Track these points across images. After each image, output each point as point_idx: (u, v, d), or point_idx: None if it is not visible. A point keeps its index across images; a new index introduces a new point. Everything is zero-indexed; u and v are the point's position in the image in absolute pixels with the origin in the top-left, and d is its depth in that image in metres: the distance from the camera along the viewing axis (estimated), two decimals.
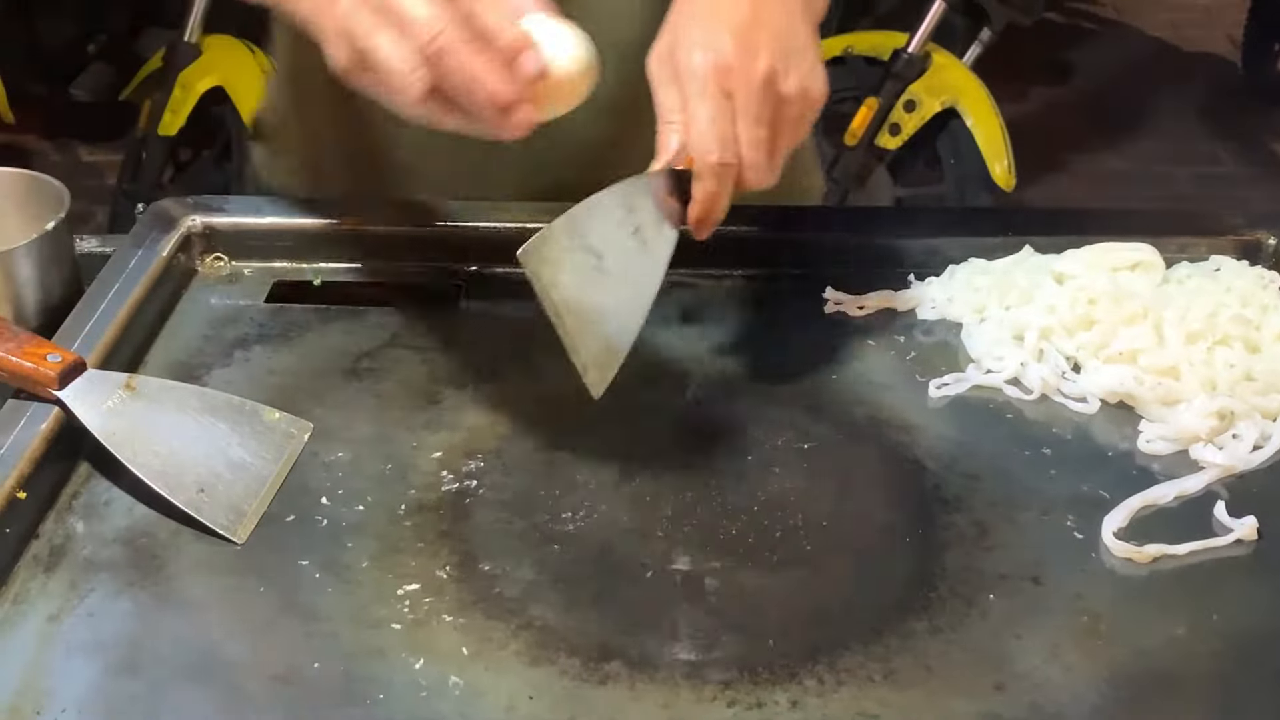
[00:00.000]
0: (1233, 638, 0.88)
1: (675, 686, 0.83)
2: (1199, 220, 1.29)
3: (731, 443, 1.04)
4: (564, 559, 0.92)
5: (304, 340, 1.14)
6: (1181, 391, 1.06)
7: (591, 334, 0.98)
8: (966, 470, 1.02)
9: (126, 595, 0.88)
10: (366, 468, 1.00)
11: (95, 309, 1.09)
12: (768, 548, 0.94)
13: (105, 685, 0.81)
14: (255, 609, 0.87)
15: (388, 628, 0.86)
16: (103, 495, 0.96)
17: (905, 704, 0.82)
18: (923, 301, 1.20)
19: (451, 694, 0.81)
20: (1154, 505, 0.98)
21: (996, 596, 0.90)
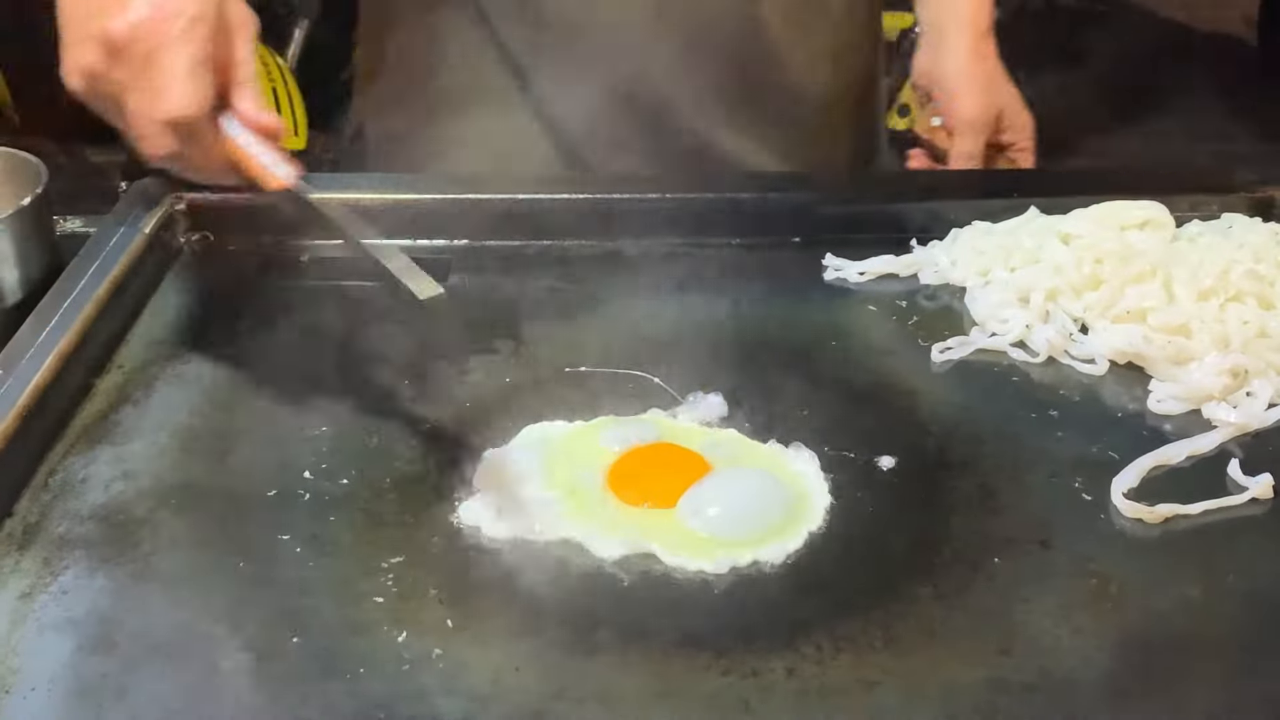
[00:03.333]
0: (1249, 599, 0.84)
1: (667, 655, 0.80)
2: (1210, 178, 1.26)
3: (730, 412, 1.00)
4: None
5: (289, 317, 1.11)
6: (1193, 350, 1.03)
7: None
8: (972, 434, 0.99)
9: (101, 572, 0.85)
10: (351, 441, 0.97)
11: (75, 286, 1.07)
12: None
13: (77, 663, 0.78)
14: (233, 585, 0.84)
15: (370, 601, 0.83)
16: (79, 472, 0.93)
17: (907, 671, 0.79)
18: (925, 266, 1.17)
19: (435, 667, 0.78)
20: (1165, 465, 0.95)
21: (1003, 560, 0.87)
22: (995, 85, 1.38)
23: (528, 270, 1.18)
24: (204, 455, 0.96)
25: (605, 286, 1.16)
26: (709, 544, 0.87)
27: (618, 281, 1.17)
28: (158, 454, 0.95)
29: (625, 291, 1.15)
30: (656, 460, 0.95)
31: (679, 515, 0.90)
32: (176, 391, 1.02)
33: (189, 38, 0.89)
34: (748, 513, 0.90)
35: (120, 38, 0.89)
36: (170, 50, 0.89)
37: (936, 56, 1.39)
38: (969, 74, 1.36)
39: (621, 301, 1.14)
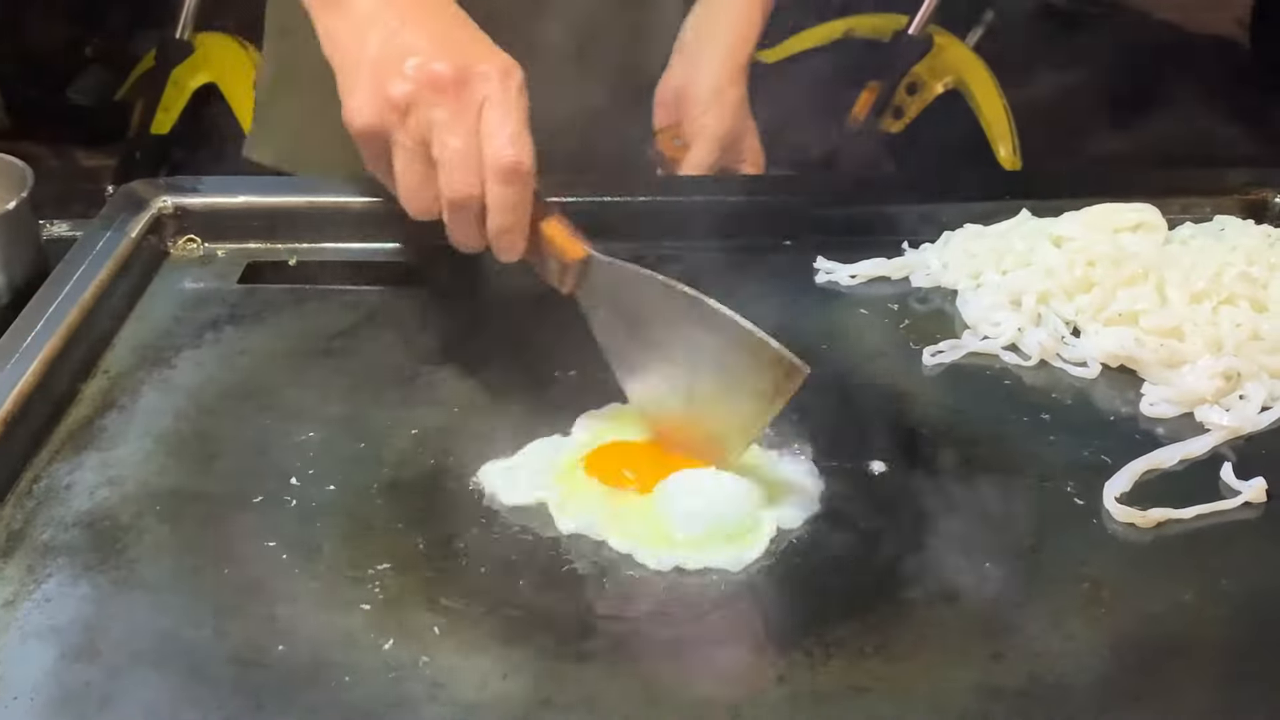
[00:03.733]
0: (1242, 603, 0.84)
1: (657, 662, 0.79)
2: (1202, 180, 1.26)
3: None
4: (543, 535, 0.89)
5: (277, 320, 1.11)
6: (1185, 353, 1.02)
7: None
8: (963, 438, 0.98)
9: (85, 579, 0.84)
10: (339, 447, 0.96)
11: (60, 290, 1.06)
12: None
13: (60, 671, 0.78)
14: (218, 592, 0.84)
15: (357, 608, 0.82)
16: (64, 479, 0.93)
17: (899, 676, 0.78)
18: (917, 269, 1.17)
19: (422, 674, 0.78)
20: (1158, 469, 0.95)
21: (994, 565, 0.86)
22: (742, 112, 1.38)
23: (517, 273, 1.17)
24: (190, 461, 0.95)
25: None
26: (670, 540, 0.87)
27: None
28: (143, 460, 0.95)
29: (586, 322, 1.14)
30: (641, 450, 0.95)
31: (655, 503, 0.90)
32: (162, 397, 1.01)
33: (520, 99, 0.91)
34: (706, 514, 0.89)
35: (450, 79, 0.89)
36: (504, 103, 0.90)
37: (691, 74, 1.38)
38: (721, 94, 1.36)
39: None
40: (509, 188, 0.90)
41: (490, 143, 0.89)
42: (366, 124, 0.92)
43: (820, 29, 2.97)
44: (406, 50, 0.91)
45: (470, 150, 0.90)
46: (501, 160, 0.89)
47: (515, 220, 0.92)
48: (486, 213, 0.91)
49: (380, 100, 0.91)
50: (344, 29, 0.95)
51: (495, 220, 0.92)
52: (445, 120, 0.90)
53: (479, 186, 0.90)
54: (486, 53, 0.92)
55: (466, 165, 0.90)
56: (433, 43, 0.91)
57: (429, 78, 0.89)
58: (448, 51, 0.91)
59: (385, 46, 0.92)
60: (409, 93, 0.90)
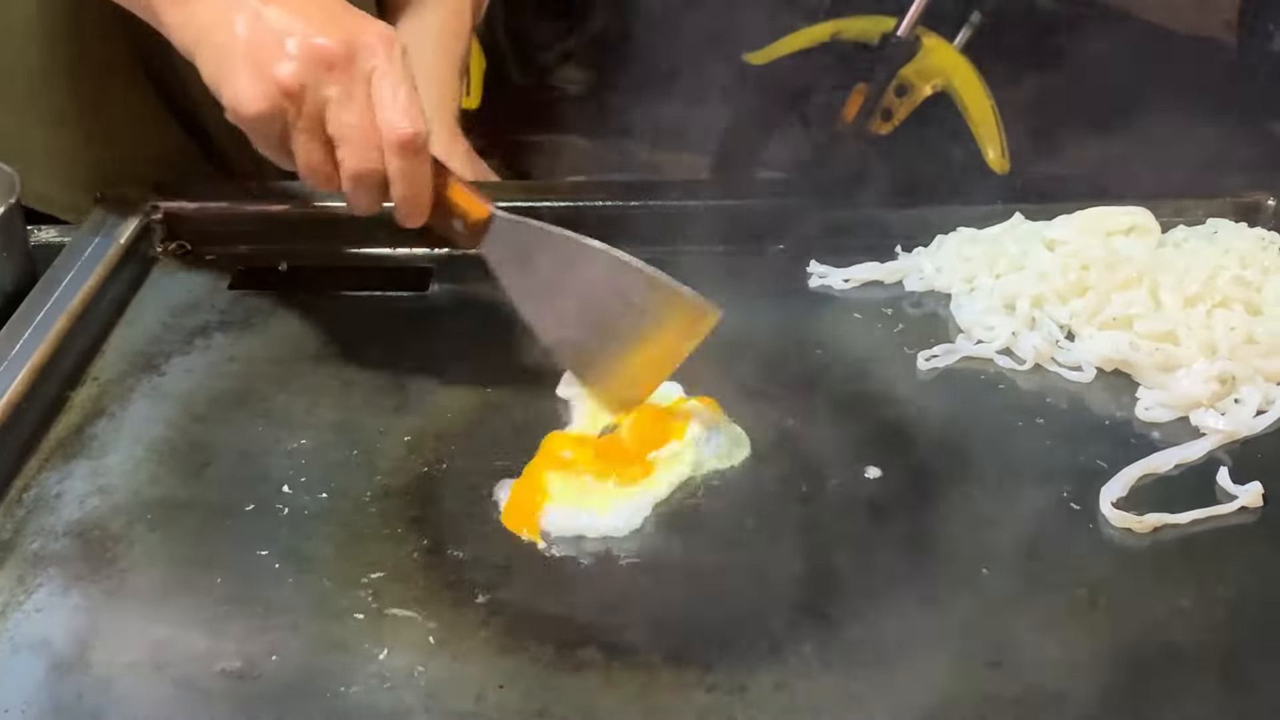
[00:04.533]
0: (1240, 608, 0.84)
1: (653, 671, 0.78)
2: (1195, 183, 1.25)
3: None
4: (536, 543, 0.88)
5: (267, 327, 1.10)
6: (1180, 357, 1.02)
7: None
8: (958, 443, 0.98)
9: (76, 590, 0.84)
10: (331, 454, 0.96)
11: (49, 296, 1.05)
12: (752, 525, 0.90)
13: (51, 683, 0.77)
14: (210, 602, 0.83)
15: (350, 618, 0.82)
16: (54, 487, 0.92)
17: (895, 684, 0.78)
18: (910, 273, 1.16)
19: (417, 685, 0.77)
20: (1154, 474, 0.94)
21: (991, 571, 0.86)
22: (476, 161, 1.38)
23: None
24: (181, 469, 0.94)
25: None
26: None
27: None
28: (134, 468, 0.94)
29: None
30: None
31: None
32: (153, 404, 1.00)
33: (406, 67, 0.90)
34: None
35: (338, 54, 0.88)
36: (392, 74, 0.89)
37: None
38: (451, 156, 1.33)
39: None
40: (408, 159, 0.90)
41: (384, 115, 0.88)
42: (256, 110, 0.89)
43: (807, 31, 2.96)
44: (282, 29, 0.88)
45: (367, 125, 0.89)
46: (399, 133, 0.88)
47: (418, 190, 0.92)
48: (389, 183, 0.91)
49: (267, 84, 0.88)
50: (202, 16, 0.91)
51: (398, 190, 0.91)
52: (337, 96, 0.88)
53: (379, 160, 0.90)
54: (364, 23, 0.90)
55: (365, 141, 0.89)
56: (306, 18, 0.89)
57: (315, 54, 0.88)
58: (325, 26, 0.89)
59: (256, 28, 0.89)
60: (296, 72, 0.87)
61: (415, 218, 0.94)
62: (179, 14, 0.93)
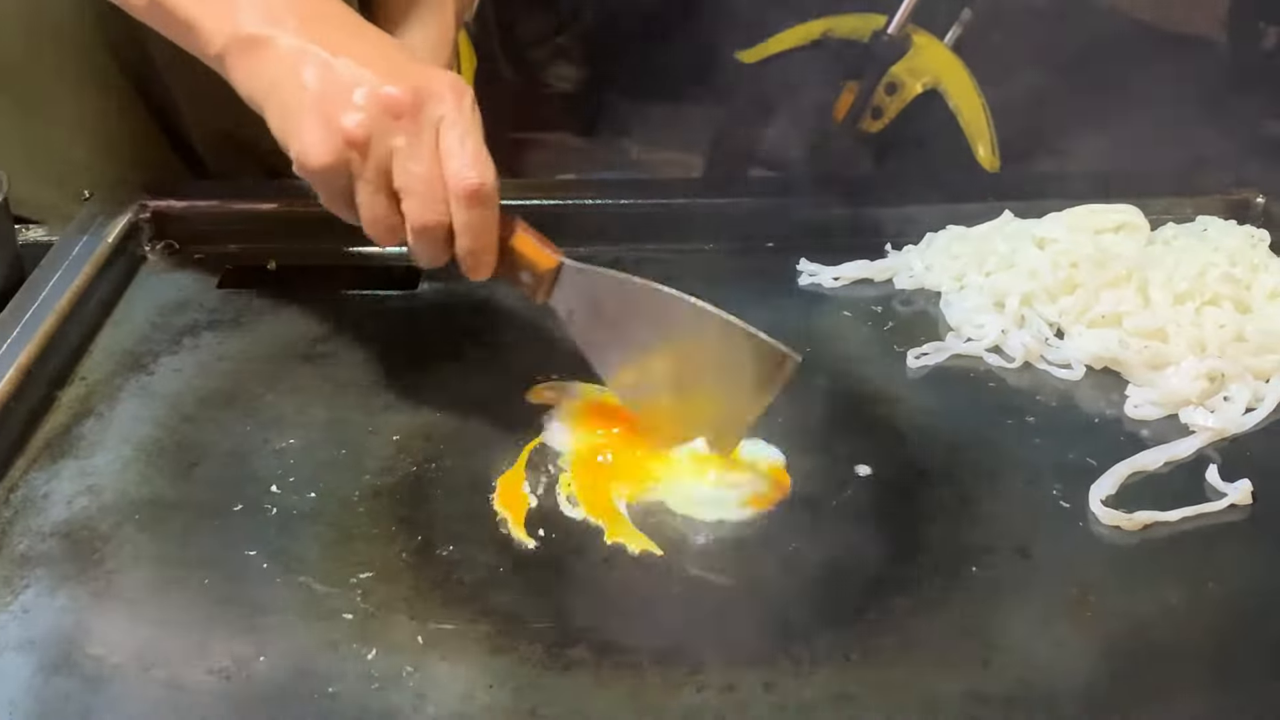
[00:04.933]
0: (1229, 606, 0.84)
1: (643, 671, 0.78)
2: (1184, 180, 1.26)
3: None
4: (526, 543, 0.88)
5: (256, 326, 1.10)
6: (1169, 354, 1.02)
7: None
8: (948, 441, 0.98)
9: (63, 590, 0.83)
10: (319, 454, 0.95)
11: (36, 296, 1.05)
12: (741, 524, 0.90)
13: (38, 685, 0.77)
14: (198, 602, 0.83)
15: (339, 618, 0.81)
16: (41, 488, 0.91)
17: (886, 684, 0.78)
18: (900, 271, 1.16)
19: (406, 685, 0.77)
20: (1143, 471, 0.94)
21: (981, 569, 0.86)
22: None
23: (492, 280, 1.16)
24: (169, 469, 0.94)
25: None
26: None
27: None
28: (122, 468, 0.94)
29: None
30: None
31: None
32: (141, 404, 1.00)
33: (475, 115, 0.88)
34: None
35: (405, 103, 0.85)
36: (460, 123, 0.87)
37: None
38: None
39: None
40: (475, 211, 0.87)
41: (451, 166, 0.86)
42: (324, 163, 0.87)
43: (798, 29, 2.96)
44: (350, 80, 0.86)
45: (433, 176, 0.87)
46: (466, 184, 0.86)
47: (484, 242, 0.90)
48: (454, 235, 0.89)
49: (335, 135, 0.86)
50: (270, 70, 0.89)
51: (464, 243, 0.89)
52: (404, 147, 0.86)
53: (446, 213, 0.88)
54: (432, 72, 0.89)
55: (431, 192, 0.87)
56: (373, 68, 0.87)
57: (383, 103, 0.86)
58: (392, 75, 0.87)
59: (324, 79, 0.87)
60: (363, 122, 0.85)
61: (481, 270, 0.91)
62: (247, 66, 0.91)
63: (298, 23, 0.89)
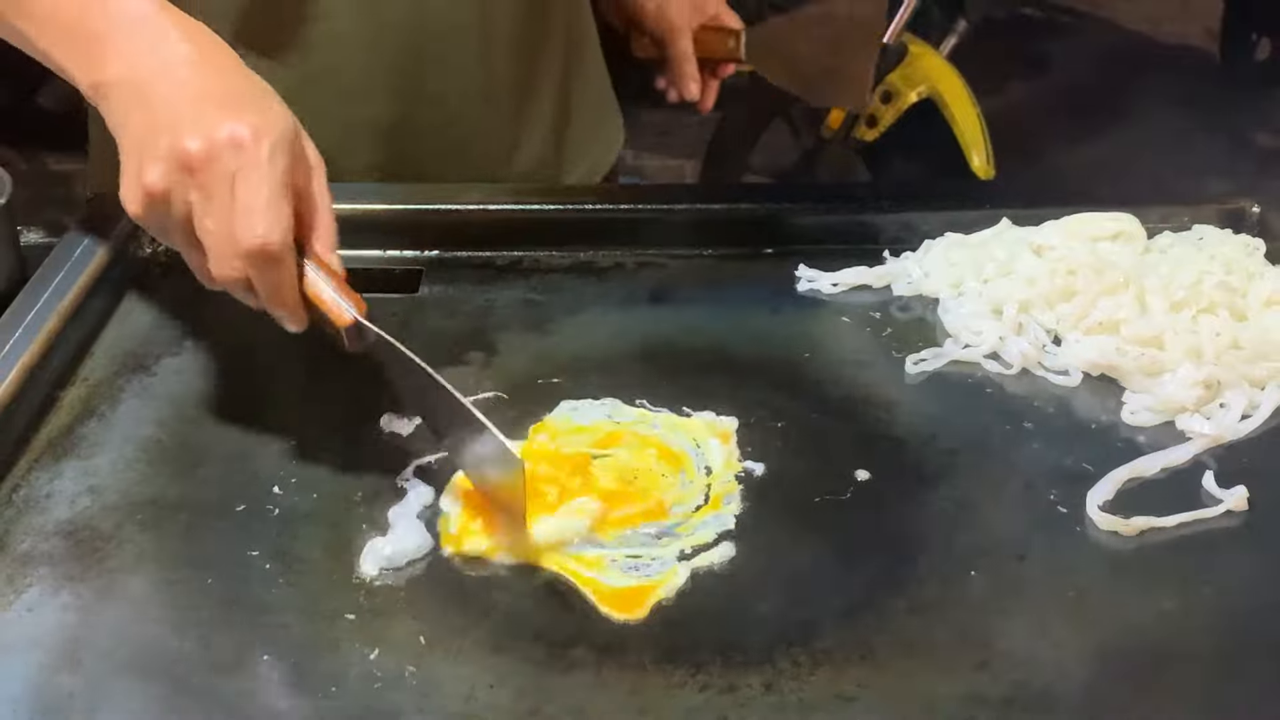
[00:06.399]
0: (1225, 611, 0.84)
1: (644, 671, 0.79)
2: (1180, 189, 1.26)
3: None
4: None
5: (258, 328, 1.09)
6: (1166, 361, 1.02)
7: None
8: (946, 446, 0.98)
9: (66, 589, 0.84)
10: (321, 454, 0.96)
11: (39, 297, 1.05)
12: (742, 527, 0.90)
13: (41, 683, 0.77)
14: (201, 602, 0.83)
15: (341, 618, 0.82)
16: (44, 488, 0.92)
17: (884, 685, 0.78)
18: (898, 277, 1.17)
19: (408, 684, 0.77)
20: (1140, 477, 0.95)
21: (979, 573, 0.86)
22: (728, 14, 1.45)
23: (499, 281, 1.17)
24: (171, 469, 0.94)
25: (577, 297, 1.15)
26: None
27: (590, 292, 1.16)
28: (124, 468, 0.94)
29: (597, 302, 1.14)
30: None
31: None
32: (143, 405, 1.00)
33: (272, 164, 0.85)
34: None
35: (198, 157, 0.84)
36: (253, 175, 0.85)
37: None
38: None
39: (594, 313, 1.13)
40: (262, 269, 0.86)
41: (238, 223, 0.85)
42: (134, 212, 0.88)
43: None
44: (160, 125, 0.86)
45: (223, 232, 0.85)
46: (247, 243, 0.85)
47: (279, 297, 0.88)
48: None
49: (139, 189, 0.86)
50: (113, 115, 0.89)
51: (261, 296, 0.88)
52: (199, 202, 0.85)
53: (241, 269, 0.86)
54: (239, 113, 0.86)
55: (221, 248, 0.86)
56: (183, 112, 0.86)
57: (179, 158, 0.85)
58: (198, 120, 0.85)
59: (142, 124, 0.87)
60: (163, 176, 0.85)
61: (290, 323, 0.91)
62: (104, 109, 0.90)
63: (146, 67, 0.88)
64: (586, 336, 1.10)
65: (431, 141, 1.26)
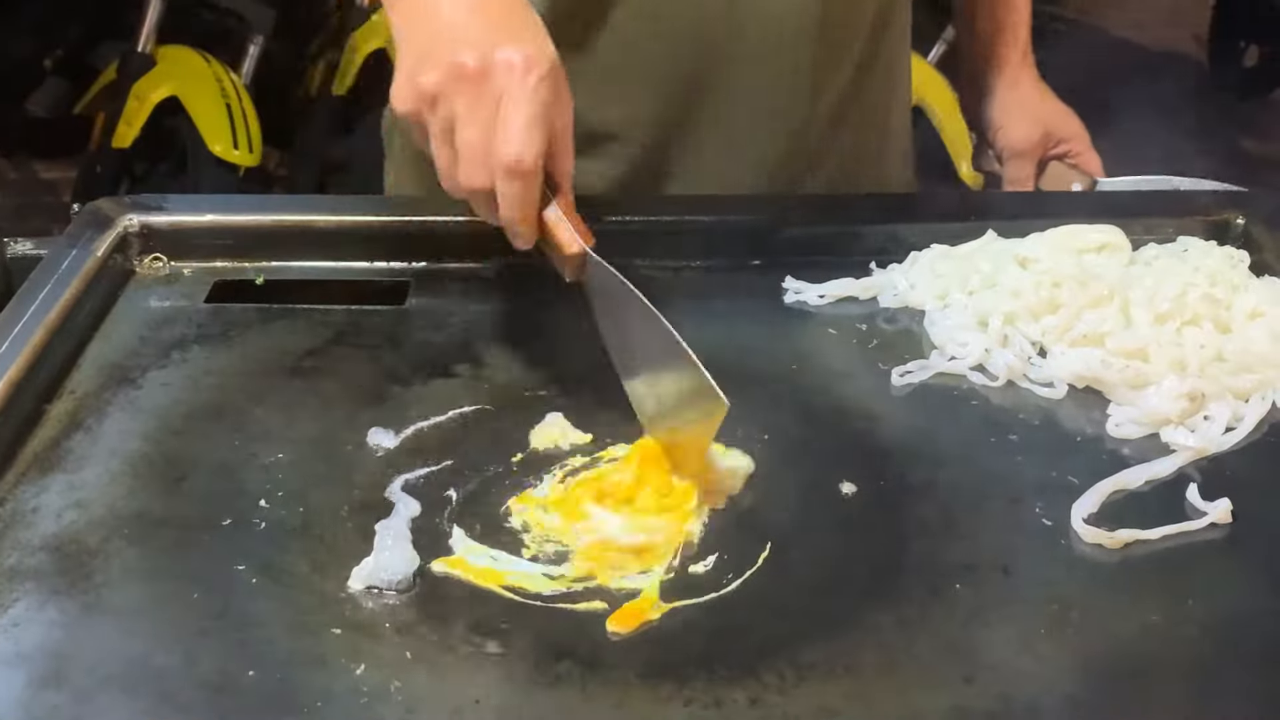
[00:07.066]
0: (1209, 623, 0.85)
1: (629, 686, 0.79)
2: (1165, 201, 1.27)
3: None
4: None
5: (245, 340, 1.10)
6: (1150, 374, 1.03)
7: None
8: (931, 459, 0.98)
9: (52, 604, 0.83)
10: (308, 468, 0.96)
11: (26, 310, 1.05)
12: (726, 540, 0.90)
13: (27, 698, 0.77)
14: (188, 617, 0.83)
15: (327, 633, 0.82)
16: (30, 501, 0.92)
17: (870, 699, 0.78)
18: (885, 289, 1.17)
19: (394, 700, 0.77)
20: (1125, 490, 0.95)
21: (964, 586, 0.87)
22: (1033, 108, 1.45)
23: (487, 292, 1.17)
24: (158, 483, 0.94)
25: (565, 310, 1.15)
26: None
27: (577, 304, 1.16)
28: (110, 482, 0.94)
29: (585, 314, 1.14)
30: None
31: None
32: (129, 418, 1.00)
33: (536, 92, 0.92)
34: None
35: (473, 71, 0.92)
36: (519, 97, 0.92)
37: (977, 99, 1.48)
38: (1004, 108, 1.45)
39: (581, 325, 1.13)
40: (512, 183, 0.93)
41: (498, 137, 0.92)
42: (402, 110, 0.96)
43: None
44: (442, 37, 0.94)
45: (480, 143, 0.93)
46: (504, 157, 0.92)
47: (520, 214, 0.95)
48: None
49: (413, 88, 0.94)
50: (400, 20, 1.00)
51: (502, 212, 0.95)
52: (463, 112, 0.93)
53: (489, 180, 0.93)
54: (517, 41, 0.94)
55: (475, 158, 0.93)
56: (467, 31, 0.94)
57: (453, 69, 0.92)
58: (479, 40, 0.93)
59: (426, 33, 0.96)
60: (435, 82, 0.93)
61: (519, 240, 0.97)
62: (394, 14, 1.01)
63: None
64: (574, 348, 1.10)
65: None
